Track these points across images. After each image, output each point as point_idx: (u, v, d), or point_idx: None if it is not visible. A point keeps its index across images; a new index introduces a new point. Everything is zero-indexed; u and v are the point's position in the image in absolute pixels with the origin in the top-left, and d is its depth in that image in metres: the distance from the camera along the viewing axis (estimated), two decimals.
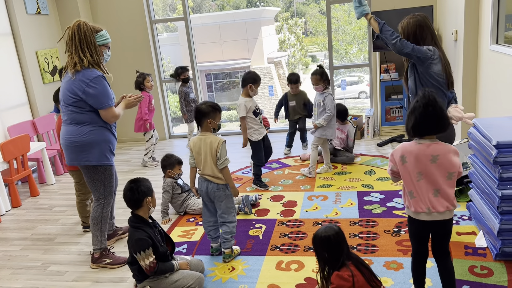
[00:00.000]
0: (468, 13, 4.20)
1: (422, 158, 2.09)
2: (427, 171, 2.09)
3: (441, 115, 2.05)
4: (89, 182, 3.08)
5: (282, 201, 3.92)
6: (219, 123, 3.00)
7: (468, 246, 2.88)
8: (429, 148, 2.09)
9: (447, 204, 2.10)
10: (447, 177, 2.10)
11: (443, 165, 2.08)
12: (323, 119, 4.27)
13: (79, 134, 2.92)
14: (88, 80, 2.85)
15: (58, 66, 6.05)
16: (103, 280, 3.00)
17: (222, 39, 18.62)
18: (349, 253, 2.17)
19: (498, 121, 2.97)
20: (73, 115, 2.92)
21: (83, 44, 2.87)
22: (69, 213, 4.23)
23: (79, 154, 2.95)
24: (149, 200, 2.61)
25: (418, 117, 2.04)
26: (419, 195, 2.12)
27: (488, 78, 4.04)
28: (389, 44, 2.77)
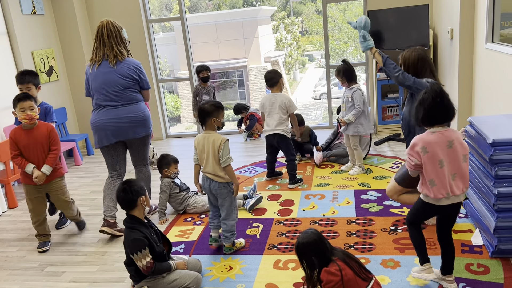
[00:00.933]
0: (463, 12, 4.21)
1: (441, 146, 2.24)
2: (446, 157, 2.25)
3: (449, 105, 2.23)
4: (142, 150, 3.70)
5: (279, 200, 3.92)
6: (223, 121, 3.05)
7: (465, 244, 2.90)
8: (444, 135, 2.25)
9: (463, 186, 2.29)
10: (463, 160, 2.27)
11: (458, 149, 2.25)
12: (352, 115, 4.17)
13: (141, 110, 3.55)
14: (138, 66, 3.58)
15: (54, 66, 6.04)
16: (100, 281, 2.99)
17: (219, 39, 18.62)
18: (332, 249, 2.20)
19: (494, 119, 2.98)
20: (131, 96, 3.51)
21: (118, 39, 3.48)
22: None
23: (145, 126, 3.59)
24: (143, 199, 2.61)
25: (427, 108, 2.22)
26: (441, 181, 2.25)
27: (483, 77, 4.05)
28: (392, 76, 2.89)
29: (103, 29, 3.43)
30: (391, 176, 4.16)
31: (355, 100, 4.18)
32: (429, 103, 2.22)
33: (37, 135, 3.32)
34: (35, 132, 3.32)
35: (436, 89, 2.24)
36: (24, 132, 3.31)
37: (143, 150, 3.69)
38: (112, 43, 3.45)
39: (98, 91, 3.46)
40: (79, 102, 6.41)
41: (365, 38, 3.06)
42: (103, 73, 3.43)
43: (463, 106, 4.44)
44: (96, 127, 3.49)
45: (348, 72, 4.22)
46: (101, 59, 3.46)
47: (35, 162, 3.31)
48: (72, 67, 6.28)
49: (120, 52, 3.47)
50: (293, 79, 23.89)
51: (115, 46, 3.45)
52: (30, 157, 3.31)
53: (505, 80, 3.54)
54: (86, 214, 4.13)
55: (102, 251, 3.40)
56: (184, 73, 4.98)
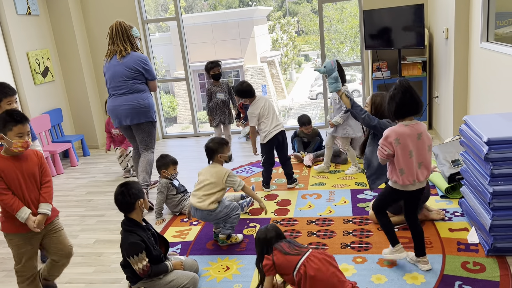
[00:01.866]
0: (458, 11, 4.23)
1: (412, 137, 2.47)
2: (415, 148, 2.49)
3: (418, 99, 2.47)
4: (147, 135, 4.13)
5: (276, 200, 3.92)
6: (229, 154, 3.29)
7: (461, 242, 2.91)
8: (414, 128, 2.48)
9: (427, 173, 2.55)
10: (428, 150, 2.53)
11: (425, 141, 2.51)
12: (340, 117, 4.16)
13: (142, 99, 3.98)
14: (143, 59, 3.99)
15: (50, 67, 6.02)
16: (97, 282, 2.98)
17: (215, 39, 18.60)
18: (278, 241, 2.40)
19: (489, 118, 3.00)
20: (135, 86, 3.97)
21: (124, 37, 3.96)
22: (62, 215, 4.18)
23: (146, 114, 4.02)
24: (141, 202, 2.59)
25: (398, 102, 2.45)
26: (409, 170, 2.49)
27: (479, 76, 4.07)
28: (359, 118, 3.06)
29: (112, 28, 3.98)
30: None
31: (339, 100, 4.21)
32: (400, 97, 2.44)
33: (27, 165, 2.53)
34: (23, 161, 2.52)
35: (405, 84, 2.46)
36: (10, 161, 2.48)
37: (145, 135, 4.12)
38: (118, 41, 3.96)
39: (109, 81, 4.02)
40: (75, 103, 6.39)
41: (336, 80, 3.15)
42: (113, 66, 3.97)
43: (458, 105, 4.46)
44: (109, 111, 4.13)
45: (339, 73, 4.22)
46: (112, 54, 3.99)
47: (27, 201, 2.52)
48: (68, 68, 6.26)
49: (124, 48, 3.94)
50: (289, 79, 23.90)
51: (120, 43, 3.95)
52: (19, 194, 2.50)
53: (500, 79, 3.56)
54: (83, 215, 4.12)
55: (99, 252, 3.39)
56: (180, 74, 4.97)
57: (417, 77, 5.39)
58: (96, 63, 6.42)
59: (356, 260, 2.85)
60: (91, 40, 6.35)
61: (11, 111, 2.53)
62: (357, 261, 2.83)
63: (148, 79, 4.05)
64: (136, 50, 4.01)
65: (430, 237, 3.01)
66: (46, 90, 5.96)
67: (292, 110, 19.23)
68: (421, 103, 2.48)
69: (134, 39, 4.04)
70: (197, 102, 6.23)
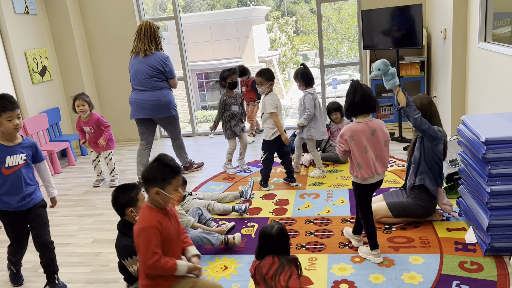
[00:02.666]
0: (456, 11, 4.24)
1: (366, 134, 2.64)
2: (370, 144, 2.66)
3: (368, 98, 2.63)
4: (173, 127, 4.65)
5: (274, 200, 3.92)
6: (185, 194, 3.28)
7: (458, 242, 2.91)
8: (368, 125, 2.65)
9: (383, 167, 2.74)
10: (384, 145, 2.70)
11: (380, 136, 2.67)
12: (304, 119, 4.22)
13: (162, 96, 4.38)
14: (164, 59, 4.33)
15: (47, 66, 6.00)
16: (94, 281, 2.98)
17: (213, 38, 18.59)
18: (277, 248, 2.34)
19: (487, 118, 3.00)
20: (156, 83, 4.36)
21: (151, 37, 4.31)
22: (59, 214, 4.20)
23: (167, 109, 4.44)
24: (131, 210, 2.56)
25: (350, 101, 2.65)
26: (366, 164, 2.67)
27: (476, 76, 4.08)
28: (411, 118, 2.94)
29: (141, 28, 4.31)
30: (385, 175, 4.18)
31: (306, 103, 4.26)
32: (351, 97, 2.64)
33: (175, 217, 2.31)
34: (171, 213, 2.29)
35: (355, 84, 2.66)
36: (161, 213, 2.20)
37: (170, 127, 4.65)
38: (145, 39, 4.29)
39: (132, 77, 4.39)
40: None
41: (393, 76, 2.94)
42: (136, 63, 4.34)
43: (456, 105, 4.47)
44: (131, 103, 4.47)
45: (305, 75, 4.27)
46: (136, 51, 4.34)
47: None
48: (66, 67, 6.25)
49: (149, 47, 4.29)
50: (288, 79, 23.90)
51: (146, 42, 4.29)
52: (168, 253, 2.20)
53: (498, 79, 3.56)
54: (80, 215, 4.12)
55: (97, 252, 3.39)
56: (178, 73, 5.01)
57: (415, 77, 5.39)
58: (94, 63, 6.41)
59: (354, 259, 2.86)
60: (89, 39, 6.33)
61: (167, 161, 2.18)
62: (355, 261, 2.84)
63: (168, 77, 4.41)
64: (160, 50, 4.36)
65: (428, 237, 3.01)
66: (43, 89, 5.94)
67: (290, 110, 19.23)
68: (373, 101, 2.65)
69: (160, 39, 4.38)
70: (195, 102, 6.23)
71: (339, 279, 2.67)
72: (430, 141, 2.99)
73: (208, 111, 18.63)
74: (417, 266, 2.71)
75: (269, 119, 4.02)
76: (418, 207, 3.11)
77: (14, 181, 2.74)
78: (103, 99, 6.55)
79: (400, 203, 3.20)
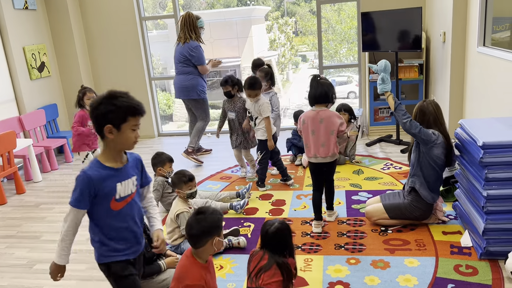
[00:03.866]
0: (456, 15, 4.25)
1: (314, 120, 3.10)
2: (317, 129, 3.11)
3: (323, 91, 3.04)
4: (199, 109, 5.12)
5: (271, 200, 3.92)
6: (188, 192, 3.16)
7: (454, 245, 2.92)
8: (318, 114, 3.10)
9: (327, 153, 3.14)
10: (331, 133, 3.10)
11: (327, 125, 3.09)
12: (272, 118, 4.22)
13: (188, 79, 4.97)
14: (192, 47, 4.87)
15: (46, 62, 5.98)
16: (89, 279, 2.97)
17: (212, 37, 18.57)
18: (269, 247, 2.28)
19: (485, 122, 3.01)
20: (183, 68, 4.97)
21: (190, 26, 4.87)
22: (56, 211, 4.18)
23: (189, 92, 5.00)
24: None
25: (309, 93, 3.11)
26: (311, 145, 3.16)
27: (475, 80, 4.09)
28: (401, 122, 3.01)
29: (182, 18, 4.88)
30: (382, 178, 4.20)
31: (274, 104, 4.33)
32: (310, 90, 3.10)
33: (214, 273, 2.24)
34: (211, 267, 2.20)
35: (314, 79, 3.08)
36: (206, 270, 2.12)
37: (197, 109, 5.12)
38: (185, 29, 4.85)
39: (174, 62, 5.03)
40: (71, 99, 6.34)
41: (384, 81, 3.19)
42: (176, 50, 4.99)
43: (454, 109, 4.48)
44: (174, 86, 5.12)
45: (272, 76, 4.31)
46: (179, 40, 4.94)
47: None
48: (64, 63, 6.23)
49: (188, 36, 4.86)
50: (286, 79, 23.90)
51: (186, 31, 4.85)
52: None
53: (496, 84, 3.57)
54: None
55: (92, 249, 3.36)
56: None
57: (414, 80, 5.40)
58: (93, 59, 6.39)
59: (350, 261, 2.86)
60: (88, 36, 6.32)
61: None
62: (351, 262, 2.84)
63: (196, 64, 4.91)
64: (196, 40, 4.88)
65: (424, 240, 3.02)
66: (42, 85, 5.93)
67: (288, 110, 19.23)
68: (326, 95, 3.04)
69: (199, 29, 4.90)
70: None
71: (334, 281, 2.67)
72: (424, 145, 2.99)
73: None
74: (412, 269, 2.71)
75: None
76: (415, 208, 3.12)
77: (127, 216, 1.99)
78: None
79: (397, 204, 3.20)
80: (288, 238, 2.26)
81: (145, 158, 5.63)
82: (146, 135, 6.57)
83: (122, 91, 1.87)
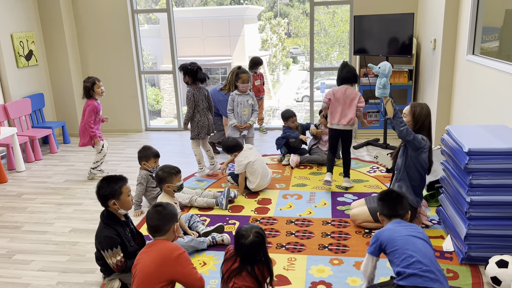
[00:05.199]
0: (447, 23, 4.29)
1: (343, 95, 3.89)
2: (342, 102, 3.89)
3: (351, 74, 3.91)
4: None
5: (257, 199, 3.92)
6: (178, 184, 3.16)
7: (436, 250, 2.94)
8: (346, 90, 3.90)
9: (348, 121, 3.88)
10: (353, 106, 3.88)
11: (350, 100, 3.88)
12: (256, 118, 4.53)
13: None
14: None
15: (34, 50, 5.89)
16: (70, 271, 2.93)
17: (204, 35, 18.50)
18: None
19: (471, 129, 3.05)
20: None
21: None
22: (38, 201, 4.12)
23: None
24: (113, 202, 2.54)
25: (338, 75, 3.96)
26: (336, 114, 3.92)
27: (463, 87, 4.14)
28: (397, 129, 3.04)
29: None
30: (368, 180, 4.22)
31: (255, 104, 4.48)
32: (339, 71, 3.94)
33: None
34: None
35: (343, 63, 3.96)
36: None
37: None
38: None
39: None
40: (58, 89, 6.27)
41: (385, 87, 3.15)
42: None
43: (441, 115, 4.53)
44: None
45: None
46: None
47: None
48: (53, 53, 6.14)
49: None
50: (277, 80, 23.93)
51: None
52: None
53: (483, 92, 3.62)
54: (59, 203, 4.05)
55: (74, 241, 3.34)
56: (167, 67, 4.91)
57: (403, 85, 5.45)
58: (83, 50, 6.31)
59: (333, 261, 2.87)
60: (78, 26, 6.23)
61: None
62: (334, 263, 2.85)
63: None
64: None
65: None
66: (29, 74, 5.83)
67: (277, 111, 19.26)
68: (353, 76, 3.90)
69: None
70: (182, 97, 6.16)
71: (317, 280, 2.68)
72: (414, 150, 3.03)
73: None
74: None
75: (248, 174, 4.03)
76: None
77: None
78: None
79: None
80: (263, 249, 2.20)
81: (131, 151, 5.62)
82: (133, 129, 6.52)
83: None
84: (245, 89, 4.42)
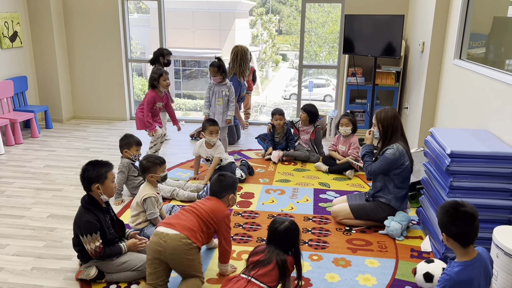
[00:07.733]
0: (436, 26, 4.33)
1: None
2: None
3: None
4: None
5: (240, 192, 3.91)
6: (162, 175, 3.10)
7: (414, 249, 2.98)
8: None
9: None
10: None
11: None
12: (232, 111, 4.61)
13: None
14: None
15: (19, 32, 5.75)
16: (46, 257, 2.88)
17: (194, 27, 18.37)
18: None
19: (454, 132, 3.08)
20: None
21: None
22: (16, 185, 4.04)
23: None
24: (97, 187, 2.50)
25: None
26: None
27: (448, 90, 4.18)
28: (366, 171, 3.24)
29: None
30: (350, 179, 4.24)
31: (231, 94, 4.58)
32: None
33: None
34: None
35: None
36: None
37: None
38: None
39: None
40: (42, 73, 6.15)
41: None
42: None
43: (426, 117, 4.57)
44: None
45: (224, 69, 4.52)
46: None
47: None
48: (38, 35, 6.01)
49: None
50: (265, 77, 23.92)
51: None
52: None
53: (468, 96, 3.66)
54: (38, 188, 3.97)
55: (51, 227, 3.28)
56: None
57: (390, 86, 5.49)
58: (70, 34, 6.19)
59: (312, 257, 2.87)
60: (66, 9, 6.11)
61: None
62: (313, 259, 2.86)
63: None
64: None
65: (386, 242, 3.07)
66: (12, 55, 5.70)
67: (264, 108, 19.26)
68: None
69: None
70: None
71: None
72: (395, 169, 3.12)
73: (192, 100, 18.38)
74: (372, 269, 2.75)
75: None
76: (380, 210, 3.17)
77: None
78: (75, 73, 6.34)
79: (363, 205, 3.25)
80: (295, 239, 2.27)
81: (114, 140, 5.55)
82: (117, 117, 6.43)
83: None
84: (217, 81, 4.57)
